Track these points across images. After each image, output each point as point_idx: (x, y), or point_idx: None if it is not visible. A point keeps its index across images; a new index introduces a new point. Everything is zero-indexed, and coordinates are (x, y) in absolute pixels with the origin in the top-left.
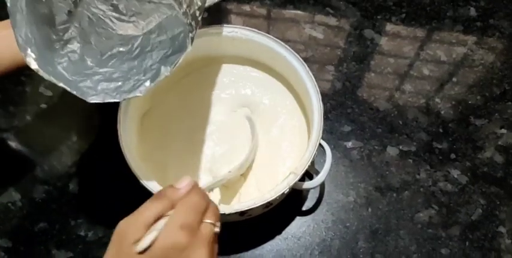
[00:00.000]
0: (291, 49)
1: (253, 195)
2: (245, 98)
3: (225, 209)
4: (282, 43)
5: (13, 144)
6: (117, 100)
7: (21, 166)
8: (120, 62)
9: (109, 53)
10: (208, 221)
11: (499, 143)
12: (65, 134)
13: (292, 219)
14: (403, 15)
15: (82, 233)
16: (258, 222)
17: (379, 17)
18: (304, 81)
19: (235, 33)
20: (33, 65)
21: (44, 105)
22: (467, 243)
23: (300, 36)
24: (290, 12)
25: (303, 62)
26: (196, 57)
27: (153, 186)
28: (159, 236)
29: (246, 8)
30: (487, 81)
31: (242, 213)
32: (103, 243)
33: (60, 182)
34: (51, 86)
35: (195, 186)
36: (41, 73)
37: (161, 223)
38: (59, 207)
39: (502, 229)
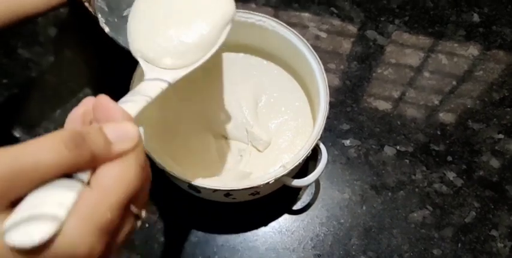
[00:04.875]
0: (311, 48)
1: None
2: (257, 89)
3: (211, 184)
4: (304, 40)
5: (17, 128)
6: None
7: None
8: None
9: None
10: (135, 210)
11: (496, 147)
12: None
13: (287, 213)
14: (407, 18)
15: None
16: (253, 215)
17: (382, 18)
18: (318, 82)
19: (262, 22)
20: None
21: (49, 92)
22: (459, 244)
23: (303, 35)
24: (295, 11)
25: (320, 63)
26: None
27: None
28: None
29: (252, 4)
30: (487, 86)
31: (227, 194)
32: None
33: None
34: (56, 72)
35: (139, 145)
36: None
37: (69, 199)
38: None
39: (494, 233)
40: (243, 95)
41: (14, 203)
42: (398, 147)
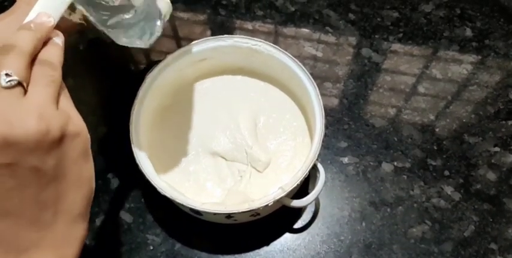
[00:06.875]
0: (306, 70)
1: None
2: (255, 110)
3: (212, 208)
4: (300, 63)
5: None
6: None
7: None
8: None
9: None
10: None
11: (492, 161)
12: None
13: (288, 232)
14: (400, 34)
15: None
16: (254, 235)
17: (376, 36)
18: (314, 104)
19: (258, 46)
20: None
21: None
22: None
23: (299, 54)
24: (291, 31)
25: (316, 86)
26: (222, 64)
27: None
28: None
29: (248, 26)
30: (482, 100)
31: (228, 216)
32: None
33: None
34: None
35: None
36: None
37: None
38: None
39: (493, 246)
40: (242, 116)
41: None
42: (395, 163)
